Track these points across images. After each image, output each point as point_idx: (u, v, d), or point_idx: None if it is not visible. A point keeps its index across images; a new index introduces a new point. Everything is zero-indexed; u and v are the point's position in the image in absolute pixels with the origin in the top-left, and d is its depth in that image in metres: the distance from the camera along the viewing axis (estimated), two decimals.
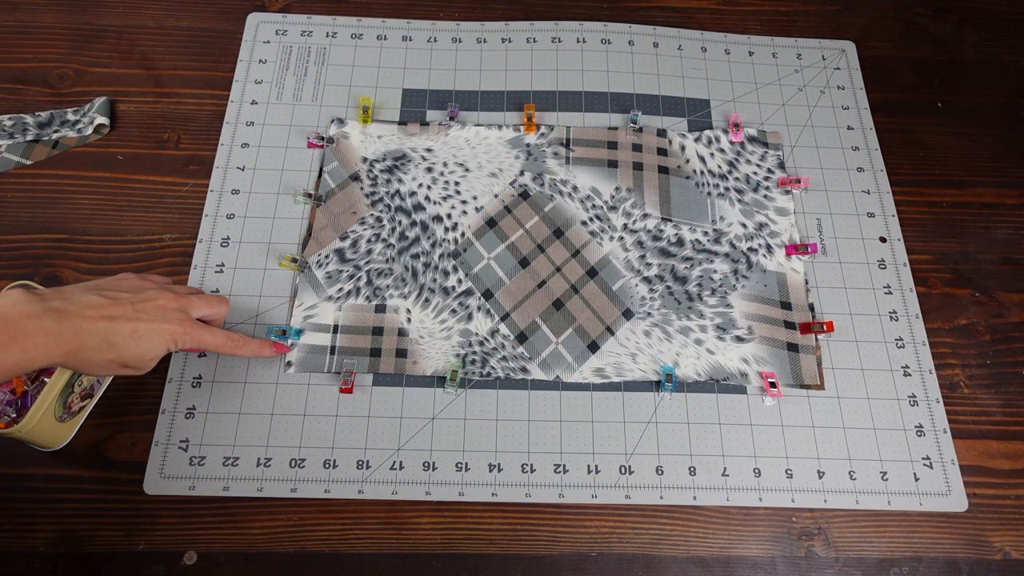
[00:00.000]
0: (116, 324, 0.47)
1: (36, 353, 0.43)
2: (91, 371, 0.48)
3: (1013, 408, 0.63)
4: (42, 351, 0.43)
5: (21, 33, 0.75)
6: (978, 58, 0.81)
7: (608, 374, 0.61)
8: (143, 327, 0.48)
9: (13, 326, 0.43)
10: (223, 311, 0.56)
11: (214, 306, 0.55)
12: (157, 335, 0.49)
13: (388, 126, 0.71)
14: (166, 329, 0.49)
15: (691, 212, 0.68)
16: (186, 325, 0.50)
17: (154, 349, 0.49)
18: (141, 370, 0.50)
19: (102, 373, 0.49)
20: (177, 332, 0.50)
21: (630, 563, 0.56)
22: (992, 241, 0.70)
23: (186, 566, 0.54)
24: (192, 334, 0.51)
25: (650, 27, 0.79)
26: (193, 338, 0.51)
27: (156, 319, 0.49)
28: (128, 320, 0.48)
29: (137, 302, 0.49)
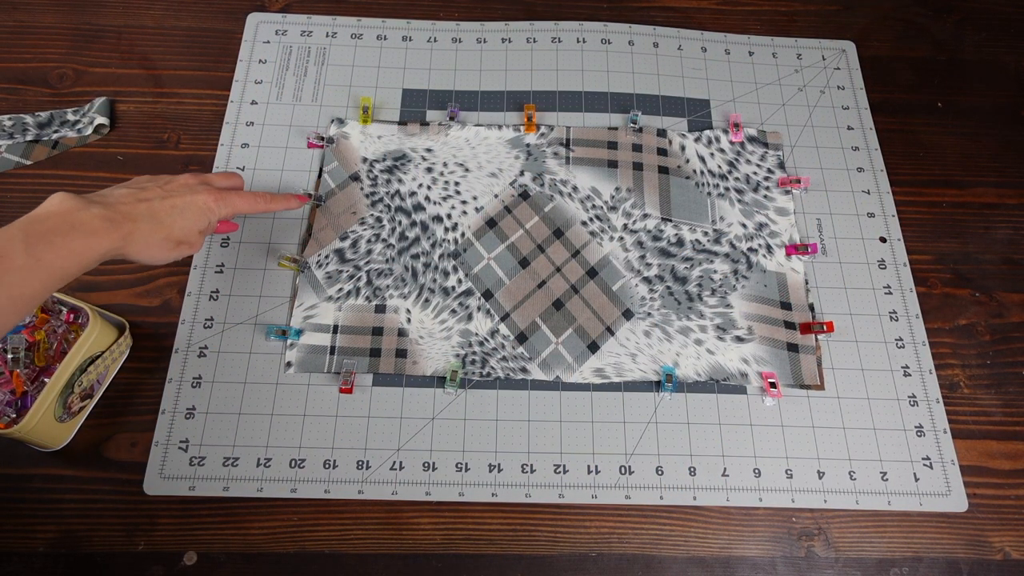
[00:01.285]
0: (154, 204, 0.50)
1: (97, 239, 0.45)
2: (151, 255, 0.50)
3: (1013, 408, 0.63)
4: (103, 236, 0.45)
5: (21, 33, 0.75)
6: (978, 58, 0.81)
7: (608, 374, 0.61)
8: (179, 201, 0.51)
9: (70, 216, 0.45)
10: (239, 181, 0.59)
11: (231, 179, 0.57)
12: (193, 206, 0.52)
13: (388, 126, 0.71)
14: (200, 200, 0.52)
15: (691, 212, 0.68)
16: (215, 193, 0.54)
17: (196, 221, 0.52)
18: (194, 246, 0.53)
19: (161, 256, 0.51)
20: (209, 200, 0.53)
21: (630, 563, 0.56)
22: (992, 241, 0.70)
23: (186, 566, 0.54)
24: (223, 199, 0.54)
25: (650, 27, 0.79)
26: (225, 202, 0.54)
27: (187, 193, 0.52)
28: (163, 199, 0.51)
29: (163, 185, 0.52)
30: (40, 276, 0.42)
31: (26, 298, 0.41)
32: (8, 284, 0.40)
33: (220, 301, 0.63)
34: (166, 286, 0.64)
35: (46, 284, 0.42)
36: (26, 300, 0.41)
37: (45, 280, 0.42)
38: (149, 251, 0.49)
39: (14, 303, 0.41)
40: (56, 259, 0.43)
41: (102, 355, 0.56)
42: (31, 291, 0.41)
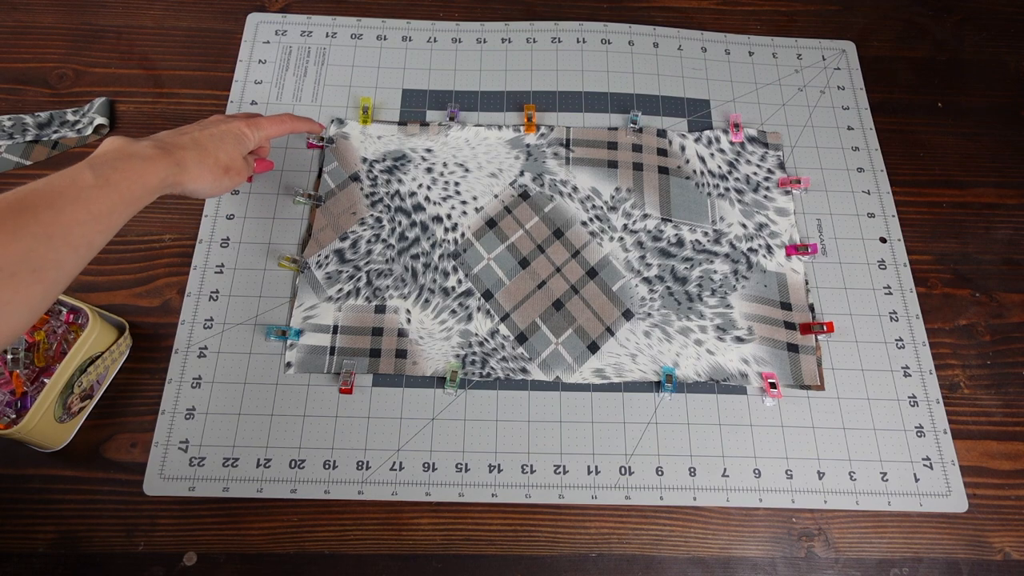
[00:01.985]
0: (195, 134, 0.54)
1: (153, 164, 0.48)
2: (205, 182, 0.53)
3: (1013, 409, 0.63)
4: (158, 162, 0.49)
5: (21, 33, 0.75)
6: (978, 58, 0.80)
7: (608, 375, 0.61)
8: (216, 130, 0.55)
9: (125, 147, 0.49)
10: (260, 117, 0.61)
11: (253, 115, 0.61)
12: (230, 133, 0.56)
13: (388, 126, 0.71)
14: (234, 126, 0.56)
15: (691, 212, 0.68)
16: (245, 119, 0.58)
17: (235, 146, 0.56)
18: (241, 173, 0.56)
19: (214, 184, 0.54)
20: (242, 126, 0.57)
21: (630, 564, 0.56)
22: (992, 241, 0.70)
23: (186, 567, 0.54)
24: (254, 123, 0.58)
25: (650, 27, 0.78)
26: (257, 125, 0.58)
27: (221, 123, 0.56)
28: (201, 130, 0.55)
29: (198, 123, 0.57)
30: (111, 195, 0.45)
31: (104, 216, 0.44)
32: (85, 199, 0.43)
33: (220, 301, 0.63)
34: (166, 286, 0.63)
35: (118, 205, 0.45)
36: (104, 219, 0.44)
37: (116, 200, 0.45)
38: (203, 178, 0.52)
39: (96, 219, 0.44)
40: (122, 180, 0.46)
41: (102, 355, 0.56)
42: (107, 207, 0.45)
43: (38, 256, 0.40)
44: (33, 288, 0.40)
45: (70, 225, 0.42)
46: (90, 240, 0.44)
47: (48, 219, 0.41)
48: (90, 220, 0.43)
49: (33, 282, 0.40)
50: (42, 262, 0.40)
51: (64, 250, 0.42)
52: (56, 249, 0.41)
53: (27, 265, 0.39)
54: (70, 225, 0.42)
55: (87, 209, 0.43)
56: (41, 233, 0.40)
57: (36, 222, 0.40)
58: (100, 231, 0.44)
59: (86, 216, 0.43)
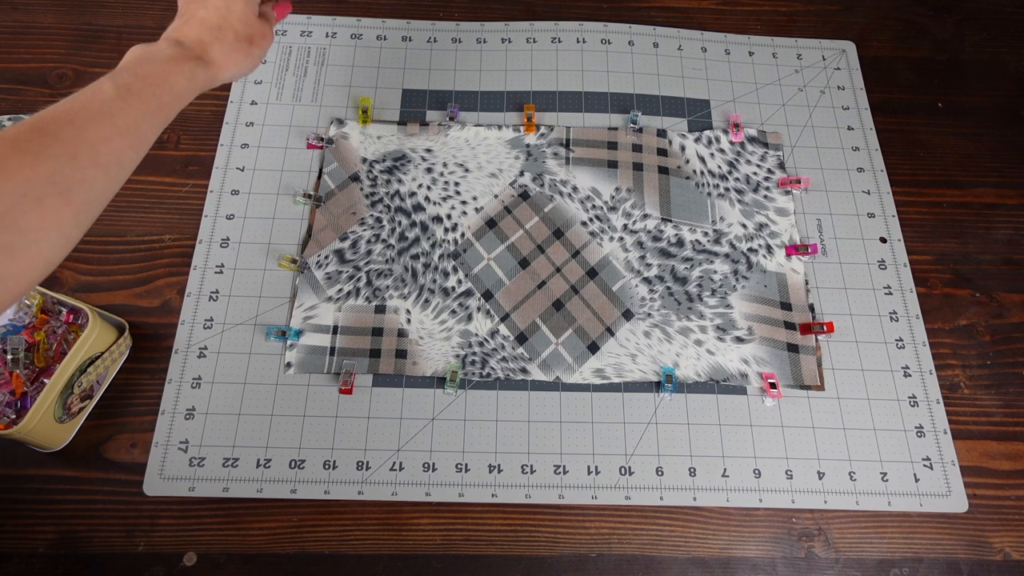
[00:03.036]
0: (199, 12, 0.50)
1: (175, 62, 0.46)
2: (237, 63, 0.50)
3: (1013, 409, 0.63)
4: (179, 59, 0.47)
5: (21, 33, 0.75)
6: (978, 58, 0.80)
7: (608, 375, 0.61)
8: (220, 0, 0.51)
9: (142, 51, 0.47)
10: None
11: None
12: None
13: (388, 126, 0.71)
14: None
15: (691, 212, 0.68)
16: None
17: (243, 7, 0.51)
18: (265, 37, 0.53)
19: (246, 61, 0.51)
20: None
21: (630, 564, 0.56)
22: (992, 241, 0.70)
23: (186, 567, 0.54)
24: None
25: (650, 27, 0.78)
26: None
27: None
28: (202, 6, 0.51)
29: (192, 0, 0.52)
30: (137, 106, 0.43)
31: (132, 129, 0.42)
32: (109, 113, 0.41)
33: (220, 302, 0.63)
34: (166, 286, 0.64)
35: (146, 115, 0.43)
36: (133, 131, 0.42)
37: (143, 111, 0.43)
38: (233, 61, 0.50)
39: (123, 134, 0.41)
40: (145, 88, 0.44)
41: (102, 356, 0.56)
42: (134, 119, 0.42)
43: (64, 177, 0.38)
44: (63, 211, 0.38)
45: (96, 142, 0.40)
46: (119, 156, 0.41)
47: (71, 137, 0.39)
48: (116, 135, 0.41)
49: (61, 205, 0.37)
50: (69, 183, 0.38)
51: (91, 169, 0.39)
52: (82, 168, 0.39)
53: (53, 188, 0.37)
54: (96, 142, 0.40)
55: (112, 123, 0.41)
56: (64, 153, 0.38)
57: (58, 142, 0.38)
58: (129, 146, 0.42)
59: (112, 131, 0.41)
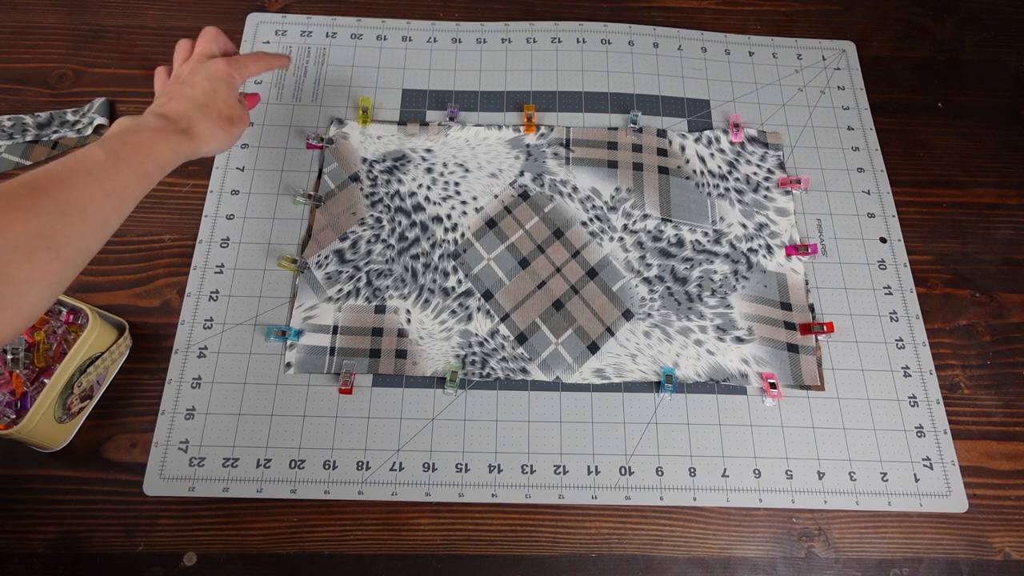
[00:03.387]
0: (186, 90, 0.53)
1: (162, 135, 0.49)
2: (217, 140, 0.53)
3: (1013, 409, 0.63)
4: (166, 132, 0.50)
5: (21, 33, 0.75)
6: (978, 58, 0.80)
7: (608, 375, 0.61)
8: (201, 80, 0.54)
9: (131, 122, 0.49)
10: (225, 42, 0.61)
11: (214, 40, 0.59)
12: (216, 77, 0.55)
13: (388, 126, 0.71)
14: (215, 68, 0.55)
15: (691, 213, 0.68)
16: (223, 60, 0.57)
17: (227, 91, 0.55)
18: (244, 119, 0.57)
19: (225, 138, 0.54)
20: (222, 65, 0.56)
21: (630, 564, 0.56)
22: (992, 241, 0.70)
23: (186, 567, 0.54)
24: (233, 62, 0.57)
25: (650, 27, 0.78)
26: (237, 64, 0.57)
27: (203, 71, 0.55)
28: (189, 86, 0.54)
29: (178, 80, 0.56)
30: (123, 171, 0.46)
31: (118, 192, 0.45)
32: (97, 175, 0.44)
33: (220, 302, 0.63)
34: (166, 286, 0.64)
35: (131, 180, 0.46)
36: (118, 194, 0.45)
37: (129, 175, 0.46)
38: (213, 135, 0.53)
39: (109, 195, 0.44)
40: (133, 155, 0.46)
41: (102, 356, 0.56)
42: (120, 183, 0.45)
43: (54, 232, 0.40)
44: (51, 265, 0.40)
45: (84, 201, 0.42)
46: (105, 216, 0.44)
47: (62, 195, 0.41)
48: (103, 195, 0.44)
49: (51, 259, 0.40)
50: (58, 238, 0.40)
51: (80, 226, 0.42)
52: (72, 225, 0.41)
53: (44, 242, 0.39)
54: (84, 201, 0.42)
55: (100, 185, 0.44)
56: (55, 210, 0.41)
57: (49, 199, 0.41)
58: (114, 207, 0.45)
59: (99, 192, 0.43)
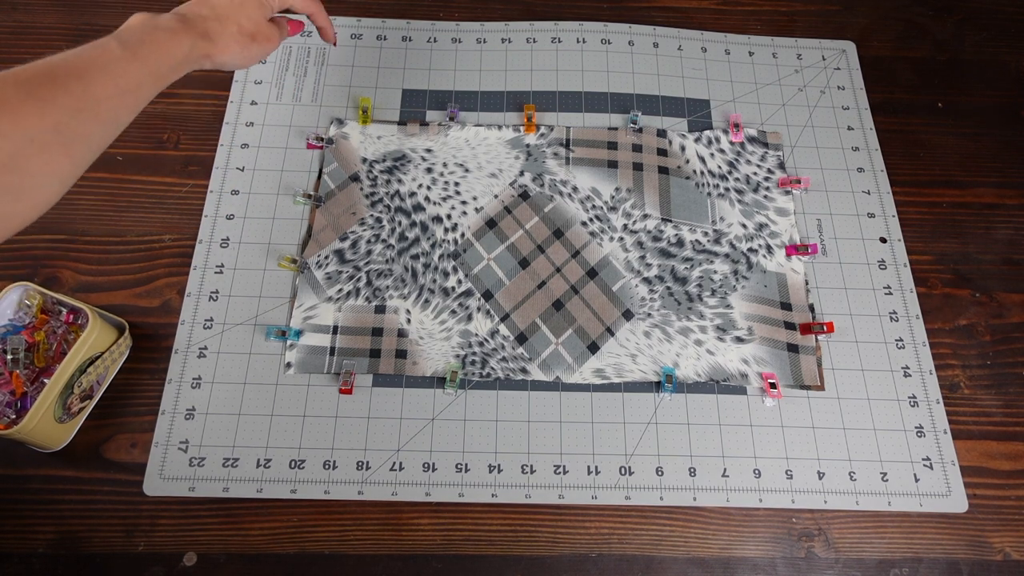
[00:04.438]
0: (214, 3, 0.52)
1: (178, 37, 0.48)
2: (234, 53, 0.52)
3: (1013, 409, 0.63)
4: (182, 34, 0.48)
5: (21, 33, 0.75)
6: (978, 58, 0.80)
7: (608, 375, 0.61)
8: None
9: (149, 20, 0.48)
10: None
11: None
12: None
13: (388, 126, 0.71)
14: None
15: (691, 212, 0.68)
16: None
17: (258, 10, 0.53)
18: (270, 39, 0.55)
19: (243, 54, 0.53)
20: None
21: (630, 564, 0.56)
22: (992, 241, 0.70)
23: (186, 567, 0.54)
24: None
25: (650, 27, 0.78)
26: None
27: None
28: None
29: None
30: (139, 69, 0.45)
31: (132, 91, 0.44)
32: (113, 73, 0.43)
33: (220, 302, 0.63)
34: (166, 286, 0.64)
35: (146, 79, 0.45)
36: (132, 93, 0.44)
37: (145, 74, 0.45)
38: (229, 48, 0.51)
39: (125, 93, 0.44)
40: (150, 54, 0.46)
41: (102, 356, 0.56)
42: (135, 81, 0.44)
43: (68, 129, 0.40)
44: (62, 161, 0.40)
45: (99, 99, 0.42)
46: (117, 115, 0.44)
47: (78, 91, 0.41)
48: (118, 94, 0.43)
49: (63, 156, 0.40)
50: (72, 135, 0.41)
51: (93, 124, 0.42)
52: (85, 123, 0.41)
53: (58, 138, 0.40)
54: (99, 99, 0.42)
55: (115, 82, 0.43)
56: (71, 106, 0.41)
57: (67, 94, 0.40)
58: (127, 106, 0.44)
59: (114, 90, 0.43)
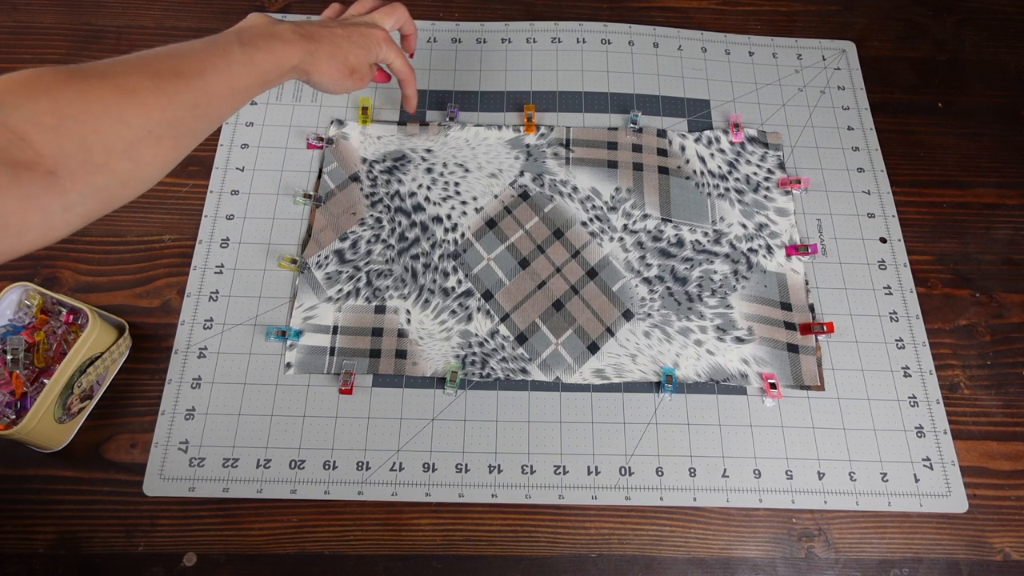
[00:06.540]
0: (335, 30, 0.54)
1: (291, 47, 0.49)
2: (329, 78, 0.53)
3: (1013, 409, 0.63)
4: (295, 46, 0.50)
5: (21, 33, 0.75)
6: (978, 58, 0.80)
7: (608, 375, 0.61)
8: (355, 32, 0.55)
9: (269, 26, 0.50)
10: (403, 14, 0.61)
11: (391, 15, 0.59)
12: (367, 38, 0.55)
13: (388, 127, 0.71)
14: (374, 34, 0.56)
15: (691, 213, 0.68)
16: (387, 38, 0.57)
17: (367, 53, 0.55)
18: (364, 79, 0.56)
19: (337, 81, 0.54)
20: (380, 37, 0.56)
21: (630, 564, 0.56)
22: (992, 242, 0.70)
23: (186, 568, 0.54)
24: (391, 43, 0.58)
25: (650, 27, 0.78)
26: (390, 47, 0.57)
27: (363, 26, 0.56)
28: (342, 27, 0.54)
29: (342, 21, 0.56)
30: (251, 73, 0.46)
31: (241, 92, 0.46)
32: (231, 75, 0.45)
33: (220, 302, 0.63)
34: (166, 287, 0.63)
35: (254, 83, 0.47)
36: (241, 94, 0.46)
37: (255, 79, 0.47)
38: (329, 73, 0.53)
39: (235, 95, 0.45)
40: (263, 60, 0.47)
41: (101, 356, 0.56)
42: (245, 85, 0.46)
43: (182, 124, 0.42)
44: (170, 153, 0.42)
45: (213, 98, 0.43)
46: (222, 113, 0.45)
47: (199, 88, 0.42)
48: (230, 94, 0.45)
49: (172, 148, 0.42)
50: (184, 130, 0.42)
51: (202, 121, 0.43)
52: (197, 119, 0.43)
53: (172, 131, 0.41)
54: (213, 98, 0.43)
55: (230, 84, 0.45)
56: (190, 101, 0.42)
57: (189, 89, 0.42)
58: (233, 106, 0.46)
59: (228, 90, 0.44)
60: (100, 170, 0.38)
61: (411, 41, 0.63)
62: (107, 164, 0.38)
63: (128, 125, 0.38)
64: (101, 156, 0.37)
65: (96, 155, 0.37)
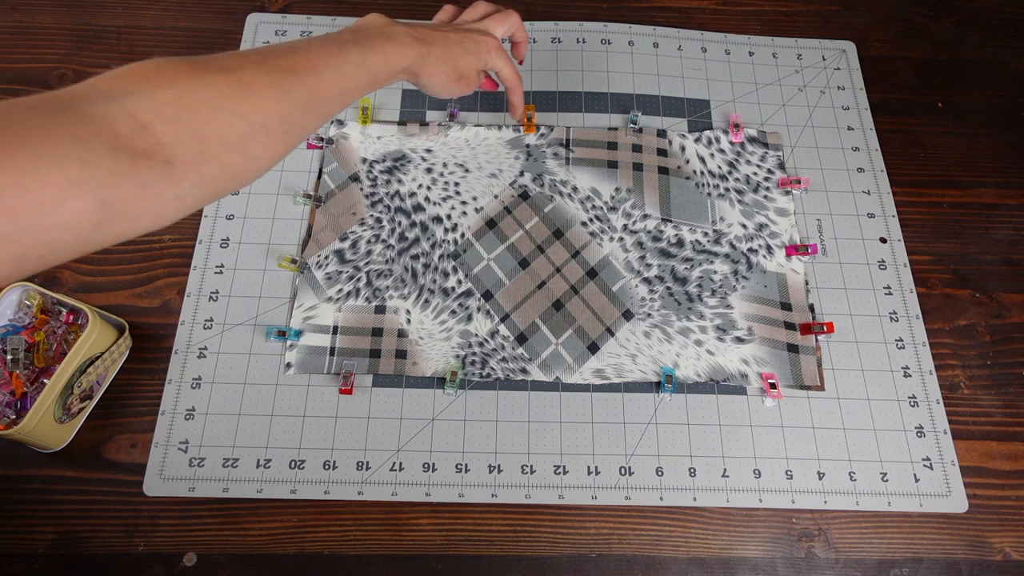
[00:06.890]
0: (448, 35, 0.53)
1: (404, 50, 0.49)
2: (437, 82, 0.53)
3: (1013, 409, 0.63)
4: (408, 49, 0.49)
5: (21, 33, 0.75)
6: (978, 58, 0.80)
7: (608, 375, 0.61)
8: (468, 38, 0.54)
9: (385, 27, 0.50)
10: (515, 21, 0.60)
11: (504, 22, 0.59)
12: (479, 45, 0.55)
13: (387, 127, 0.71)
14: (485, 42, 0.55)
15: (691, 213, 0.68)
16: (498, 46, 0.57)
17: (476, 60, 0.55)
18: (471, 84, 0.56)
19: (445, 85, 0.54)
20: (492, 45, 0.56)
21: (630, 564, 0.56)
22: (992, 242, 0.70)
23: (186, 567, 0.54)
24: (502, 52, 0.57)
25: (650, 27, 0.78)
26: (501, 55, 0.57)
27: (476, 34, 0.55)
28: (456, 32, 0.54)
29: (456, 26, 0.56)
30: (363, 74, 0.46)
31: (351, 92, 0.46)
32: (344, 75, 0.45)
33: (220, 302, 0.63)
34: (166, 287, 0.64)
35: (364, 84, 0.47)
36: (351, 94, 0.46)
37: (365, 79, 0.47)
38: (438, 77, 0.53)
39: (345, 94, 0.45)
40: (376, 62, 0.47)
41: (101, 356, 0.56)
42: (355, 85, 0.46)
43: (293, 120, 0.42)
44: (279, 148, 0.42)
45: (323, 97, 0.44)
46: (330, 112, 0.45)
47: (311, 86, 0.43)
48: (339, 94, 0.45)
49: (281, 143, 0.42)
50: (293, 126, 0.42)
51: (311, 118, 0.44)
52: (307, 116, 0.43)
53: (283, 127, 0.41)
54: (323, 97, 0.44)
55: (341, 84, 0.45)
56: (302, 99, 0.42)
57: (302, 87, 0.42)
58: (340, 105, 0.46)
59: (338, 90, 0.45)
60: (211, 161, 0.38)
61: (521, 48, 0.63)
62: (219, 156, 0.38)
63: (242, 119, 0.39)
64: (214, 148, 0.38)
65: (210, 146, 0.38)
